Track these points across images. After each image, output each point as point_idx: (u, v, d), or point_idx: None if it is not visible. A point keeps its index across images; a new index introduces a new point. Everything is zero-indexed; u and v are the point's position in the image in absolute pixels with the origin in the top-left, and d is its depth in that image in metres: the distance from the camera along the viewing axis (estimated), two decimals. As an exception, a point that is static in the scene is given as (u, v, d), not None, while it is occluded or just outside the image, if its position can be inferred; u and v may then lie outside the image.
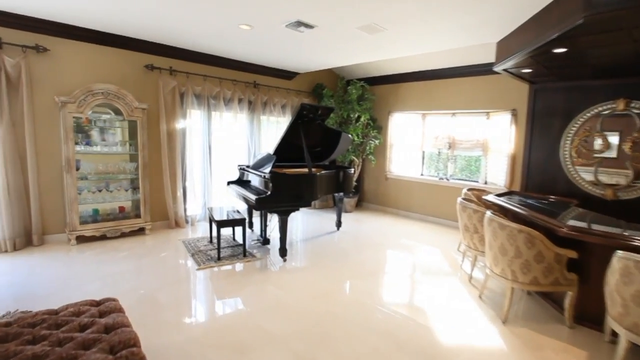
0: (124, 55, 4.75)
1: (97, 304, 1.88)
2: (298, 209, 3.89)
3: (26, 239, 4.30)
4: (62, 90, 4.30)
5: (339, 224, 5.44)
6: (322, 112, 4.45)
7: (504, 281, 2.75)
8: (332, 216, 6.26)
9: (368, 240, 5.03)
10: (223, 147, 5.80)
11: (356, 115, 6.58)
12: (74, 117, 4.27)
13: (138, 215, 4.89)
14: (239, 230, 4.69)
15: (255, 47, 4.86)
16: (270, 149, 4.49)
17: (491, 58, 4.83)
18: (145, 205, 4.90)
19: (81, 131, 4.52)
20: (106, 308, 1.81)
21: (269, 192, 3.72)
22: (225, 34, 4.26)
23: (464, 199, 3.57)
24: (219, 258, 3.88)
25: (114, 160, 4.79)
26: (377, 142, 6.74)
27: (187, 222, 5.52)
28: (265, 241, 4.52)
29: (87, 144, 4.56)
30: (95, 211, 4.71)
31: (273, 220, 5.17)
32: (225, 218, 4.02)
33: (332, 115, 6.43)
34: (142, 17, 3.86)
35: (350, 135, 5.00)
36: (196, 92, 5.37)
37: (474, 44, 4.30)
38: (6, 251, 4.08)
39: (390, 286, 3.47)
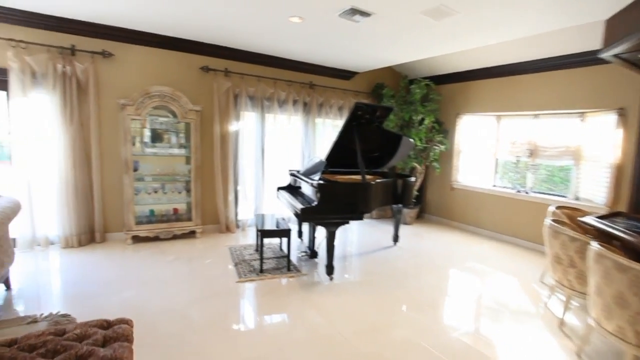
0: (181, 58, 4.77)
1: (108, 325, 1.68)
2: (348, 222, 3.47)
3: (90, 236, 4.48)
4: (124, 93, 4.42)
5: (396, 238, 4.90)
6: (380, 112, 3.99)
7: (622, 344, 2.02)
8: (389, 228, 5.73)
9: (429, 260, 4.42)
10: (276, 150, 5.61)
11: (419, 118, 5.98)
12: (132, 119, 4.35)
13: (190, 218, 4.87)
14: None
15: (308, 44, 4.57)
16: (324, 154, 4.14)
17: (590, 45, 3.98)
18: (196, 208, 4.87)
19: (140, 133, 4.61)
20: (114, 333, 1.58)
21: (316, 202, 3.36)
22: (276, 29, 4.01)
23: (554, 220, 2.84)
24: (261, 270, 3.62)
25: (170, 162, 4.84)
26: (442, 147, 6.05)
27: (237, 227, 5.42)
28: (313, 254, 4.18)
29: (145, 145, 4.65)
30: (151, 212, 4.79)
31: (322, 231, 4.83)
32: (270, 227, 3.76)
33: (392, 117, 5.92)
34: (194, 17, 3.79)
35: (412, 140, 4.45)
36: (250, 93, 5.25)
37: (570, 26, 3.49)
38: (72, 247, 4.28)
39: (453, 324, 2.86)
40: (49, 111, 4.10)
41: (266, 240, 4.58)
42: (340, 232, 3.60)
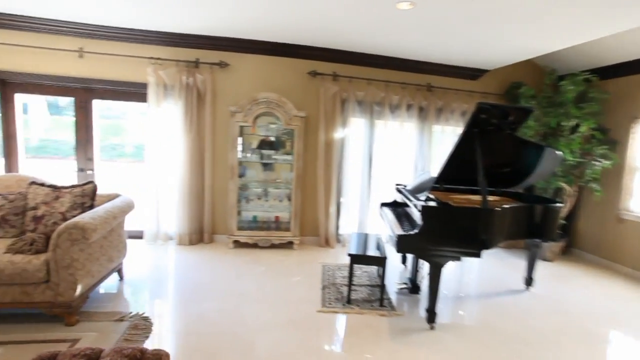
0: (289, 64, 4.70)
1: (141, 356, 1.47)
2: (459, 259, 2.69)
3: (199, 236, 4.75)
4: (235, 101, 4.55)
5: (529, 280, 3.76)
6: (513, 116, 3.05)
7: None
8: (520, 263, 4.52)
9: (578, 320, 3.18)
10: (386, 160, 5.05)
11: (572, 124, 4.59)
12: (240, 126, 4.45)
13: (289, 228, 4.74)
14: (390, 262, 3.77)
15: (424, 37, 3.89)
16: (439, 168, 3.39)
17: None
18: (295, 218, 4.71)
19: (246, 139, 4.70)
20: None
21: (417, 230, 2.68)
22: (384, 21, 3.46)
23: None
24: (348, 301, 3.12)
25: (274, 169, 4.83)
26: (606, 163, 4.51)
27: (338, 241, 5.06)
28: (414, 288, 3.46)
29: (252, 152, 4.72)
30: (254, 218, 4.84)
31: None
32: (367, 249, 3.24)
33: (531, 123, 4.69)
34: (302, 20, 3.61)
35: (559, 152, 3.33)
36: (359, 97, 4.85)
37: None
38: (184, 244, 4.59)
39: None
40: (174, 119, 4.49)
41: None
42: (450, 262, 2.82)
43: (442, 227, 2.65)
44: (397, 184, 4.17)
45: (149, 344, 2.41)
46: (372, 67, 4.86)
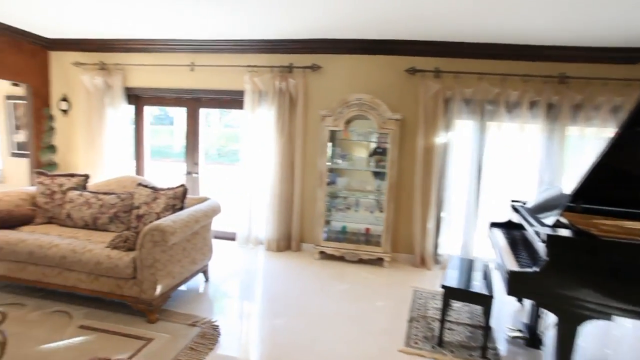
0: (384, 62, 4.28)
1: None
2: (609, 318, 1.84)
3: (287, 243, 4.67)
4: (326, 104, 4.34)
5: None
6: None
7: None
8: None
9: None
10: (500, 170, 4.19)
11: None
12: (330, 130, 4.22)
13: (379, 243, 4.29)
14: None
15: (553, 11, 3.01)
16: (575, 182, 2.50)
17: None
18: (387, 233, 4.23)
19: (337, 144, 4.45)
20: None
21: (539, 268, 1.94)
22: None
23: None
24: (440, 343, 2.51)
25: (365, 177, 4.48)
26: None
27: (436, 262, 4.37)
28: (533, 340, 2.59)
29: (343, 158, 4.45)
30: (343, 229, 4.54)
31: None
32: (467, 282, 2.60)
33: None
34: (395, 9, 3.18)
35: None
36: (466, 95, 4.12)
37: None
38: (272, 250, 4.57)
39: None
40: (267, 125, 4.53)
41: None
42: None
43: (582, 268, 1.85)
44: (514, 201, 3.33)
45: (211, 357, 2.29)
46: (482, 59, 4.08)
